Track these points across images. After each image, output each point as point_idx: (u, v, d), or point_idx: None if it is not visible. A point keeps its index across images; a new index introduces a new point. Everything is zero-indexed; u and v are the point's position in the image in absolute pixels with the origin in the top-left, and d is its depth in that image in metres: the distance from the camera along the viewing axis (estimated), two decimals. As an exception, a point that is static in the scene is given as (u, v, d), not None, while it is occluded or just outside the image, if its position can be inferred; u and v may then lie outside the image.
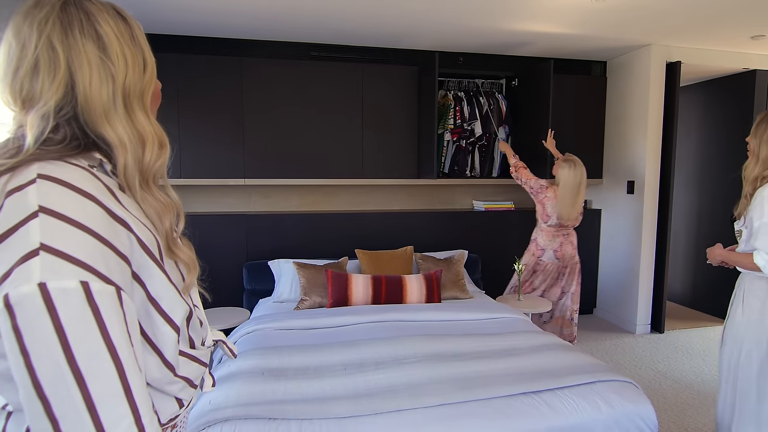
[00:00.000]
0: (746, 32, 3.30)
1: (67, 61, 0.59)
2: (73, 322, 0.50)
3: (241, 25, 3.22)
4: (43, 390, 0.49)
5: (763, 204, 1.67)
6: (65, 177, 0.55)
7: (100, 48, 0.61)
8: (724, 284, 4.21)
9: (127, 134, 0.63)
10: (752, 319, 1.71)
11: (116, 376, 0.52)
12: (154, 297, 0.63)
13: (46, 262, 0.50)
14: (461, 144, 3.82)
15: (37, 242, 0.50)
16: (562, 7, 2.84)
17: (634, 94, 3.84)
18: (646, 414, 1.75)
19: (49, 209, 0.52)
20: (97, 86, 0.60)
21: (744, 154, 4.10)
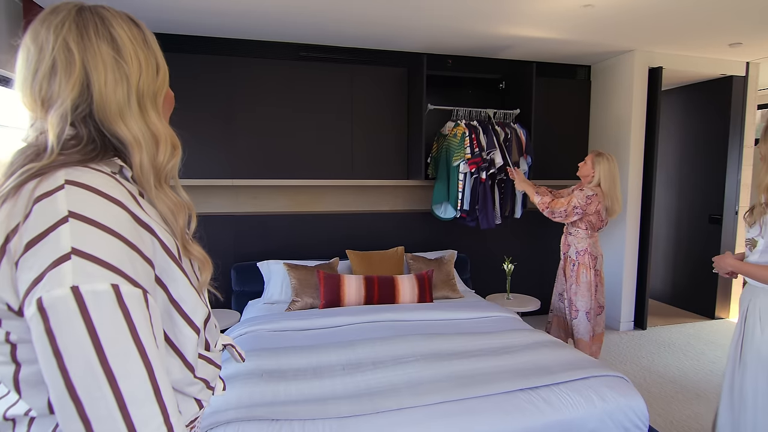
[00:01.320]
0: (724, 40, 3.42)
1: (82, 61, 0.61)
2: (105, 323, 0.51)
3: (229, 25, 3.20)
4: (76, 391, 0.50)
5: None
6: (92, 183, 0.57)
7: (115, 49, 0.63)
8: (701, 282, 4.36)
9: (141, 132, 0.65)
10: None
11: (146, 377, 0.53)
12: (176, 300, 0.64)
13: (78, 266, 0.51)
14: (481, 176, 3.35)
15: (69, 246, 0.51)
16: (551, 13, 2.91)
17: (618, 98, 3.95)
18: (638, 407, 1.80)
19: (78, 214, 0.53)
20: (112, 85, 0.62)
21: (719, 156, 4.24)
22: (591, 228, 2.87)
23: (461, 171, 3.34)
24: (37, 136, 0.62)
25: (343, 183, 3.66)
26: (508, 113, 3.68)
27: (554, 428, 1.68)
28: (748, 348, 1.67)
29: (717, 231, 4.23)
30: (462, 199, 3.35)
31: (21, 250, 0.52)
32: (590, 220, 2.85)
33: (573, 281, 2.92)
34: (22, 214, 0.53)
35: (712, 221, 4.27)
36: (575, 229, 2.90)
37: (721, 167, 4.17)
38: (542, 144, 3.98)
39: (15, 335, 0.55)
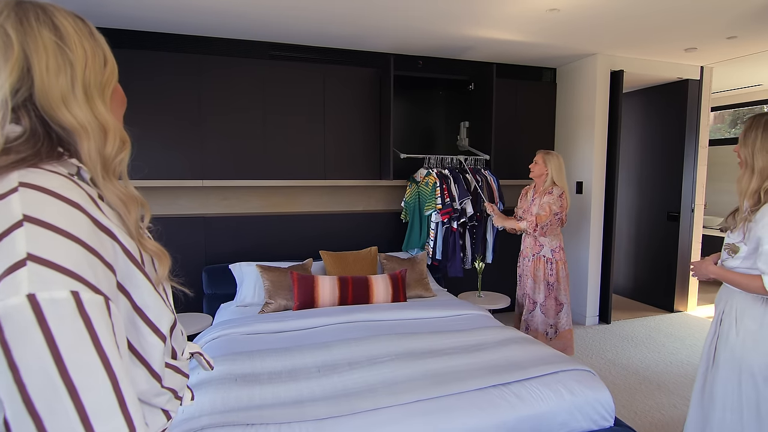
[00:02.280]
0: (680, 45, 3.59)
1: (21, 45, 0.57)
2: (65, 333, 0.48)
3: (198, 22, 3.13)
4: (35, 406, 0.47)
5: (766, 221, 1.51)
6: (48, 185, 0.54)
7: (58, 36, 0.60)
8: (661, 277, 4.56)
9: (87, 120, 0.61)
10: (747, 342, 1.60)
11: (110, 388, 0.51)
12: (140, 306, 0.62)
13: (34, 273, 0.48)
14: (452, 226, 3.44)
15: (24, 252, 0.48)
16: (518, 16, 2.98)
17: (582, 100, 4.08)
18: (605, 399, 1.88)
19: (34, 218, 0.50)
20: (54, 71, 0.59)
21: (677, 156, 4.43)
22: (562, 224, 3.03)
23: (433, 220, 3.44)
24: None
25: (316, 183, 3.64)
26: (479, 159, 3.74)
27: (526, 422, 1.73)
28: (722, 349, 1.69)
29: (675, 228, 4.43)
30: (434, 247, 3.47)
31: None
32: (561, 217, 2.99)
33: (554, 279, 3.04)
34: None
35: (671, 218, 4.47)
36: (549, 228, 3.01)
37: (678, 166, 4.37)
38: (510, 144, 4.07)
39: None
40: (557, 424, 1.78)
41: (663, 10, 2.86)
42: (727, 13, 2.91)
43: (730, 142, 5.75)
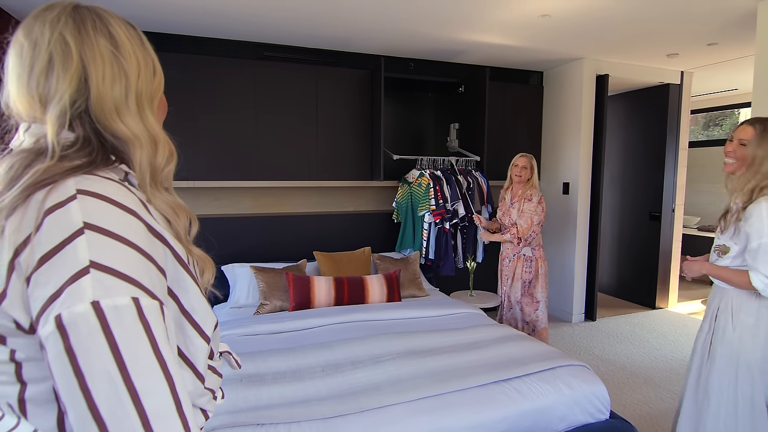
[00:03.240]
0: (663, 51, 3.71)
1: (80, 54, 0.58)
2: (128, 339, 0.49)
3: (189, 22, 3.11)
4: (99, 411, 0.48)
5: (762, 220, 1.57)
6: (105, 191, 0.54)
7: (113, 45, 0.61)
8: (643, 275, 4.69)
9: (139, 131, 0.62)
10: (744, 338, 1.66)
11: (168, 392, 0.51)
12: (188, 310, 0.63)
13: (98, 280, 0.49)
14: (444, 226, 3.53)
15: (87, 260, 0.49)
16: (511, 21, 3.04)
17: (568, 103, 4.18)
18: (601, 393, 1.94)
19: (94, 225, 0.51)
20: (110, 80, 0.60)
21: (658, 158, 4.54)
22: (539, 226, 3.07)
23: (426, 221, 3.52)
24: (35, 141, 0.58)
25: (308, 184, 3.65)
26: (470, 160, 3.81)
27: (527, 417, 1.78)
28: (718, 344, 1.74)
29: (656, 227, 4.57)
30: (427, 247, 3.53)
31: (34, 264, 0.49)
32: (541, 221, 3.07)
33: (531, 276, 3.09)
34: (33, 227, 0.50)
35: (652, 218, 4.61)
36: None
37: (660, 168, 4.51)
38: (498, 146, 4.14)
39: (22, 353, 0.52)
40: (556, 417, 1.84)
41: (648, 18, 2.96)
42: (709, 22, 3.03)
43: (705, 144, 5.96)
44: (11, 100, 0.60)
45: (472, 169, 3.81)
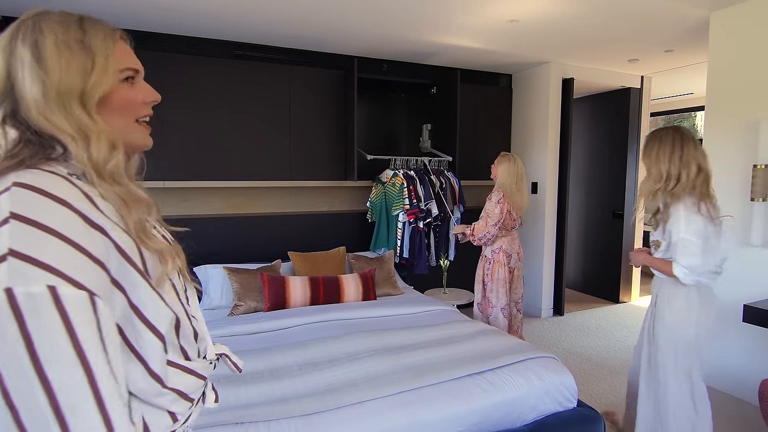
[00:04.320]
0: (624, 56, 3.88)
1: (7, 63, 0.64)
2: (40, 327, 0.49)
3: (161, 19, 3.07)
4: (11, 398, 0.48)
5: (680, 220, 1.82)
6: (39, 184, 0.56)
7: (35, 52, 0.65)
8: (607, 271, 4.89)
9: (65, 127, 0.64)
10: (679, 320, 1.89)
11: (86, 385, 0.51)
12: (136, 304, 0.62)
13: (14, 267, 0.49)
14: (418, 226, 3.59)
15: (6, 248, 0.50)
16: (480, 25, 3.13)
17: (536, 105, 4.31)
18: (569, 383, 2.03)
19: (20, 215, 0.52)
20: (29, 83, 0.63)
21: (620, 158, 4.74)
22: (504, 228, 3.02)
23: (400, 220, 3.58)
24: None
25: (281, 184, 3.64)
26: (442, 160, 3.88)
27: (500, 407, 1.84)
28: (659, 328, 1.97)
29: (619, 225, 4.77)
30: (401, 246, 3.59)
31: None
32: (505, 223, 3.02)
33: (489, 278, 3.06)
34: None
35: (615, 216, 4.81)
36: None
37: (622, 168, 4.71)
38: (469, 146, 4.23)
39: None
40: (527, 407, 1.91)
41: (609, 25, 3.10)
42: (665, 30, 3.19)
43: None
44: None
45: (444, 169, 3.88)
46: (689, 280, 1.82)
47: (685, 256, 1.81)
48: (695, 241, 1.79)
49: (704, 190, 1.85)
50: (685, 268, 1.81)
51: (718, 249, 1.84)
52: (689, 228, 1.80)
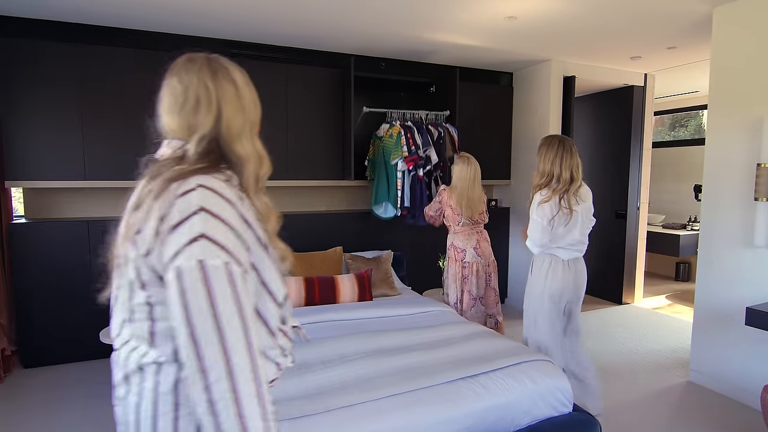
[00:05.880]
0: (626, 54, 3.82)
1: (218, 98, 0.84)
2: (218, 288, 0.70)
3: (156, 18, 3.05)
4: (196, 336, 0.68)
5: (533, 205, 2.46)
6: (216, 187, 0.75)
7: (235, 88, 0.86)
8: (610, 272, 4.82)
9: (251, 151, 0.86)
10: (540, 278, 2.53)
11: (242, 333, 0.71)
12: (265, 281, 0.82)
13: (204, 246, 0.70)
14: (418, 174, 3.56)
15: (199, 231, 0.70)
16: (477, 23, 3.09)
17: (537, 103, 4.26)
18: (564, 386, 1.99)
19: (206, 209, 0.72)
20: (233, 114, 0.84)
21: (623, 157, 4.68)
22: (450, 222, 3.17)
23: (399, 169, 3.51)
24: (173, 151, 0.83)
25: (278, 184, 3.62)
26: (439, 114, 3.86)
27: (493, 411, 1.80)
28: (528, 285, 2.62)
29: (622, 225, 4.70)
30: (402, 196, 3.53)
31: (166, 231, 0.71)
32: (447, 214, 3.18)
33: (446, 273, 3.24)
34: (169, 206, 0.72)
35: (618, 216, 4.75)
36: (447, 226, 3.24)
37: (625, 168, 4.65)
38: (469, 145, 4.18)
39: (154, 298, 0.75)
40: (521, 411, 1.87)
41: (609, 21, 3.04)
42: (667, 26, 3.14)
43: (670, 145, 6.16)
44: (168, 125, 0.86)
45: (442, 121, 3.85)
46: (534, 249, 2.51)
47: (531, 231, 2.47)
48: (538, 221, 2.40)
49: (570, 188, 2.42)
50: (530, 240, 2.49)
51: (569, 233, 2.47)
52: (538, 212, 2.40)
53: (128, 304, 0.77)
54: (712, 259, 2.91)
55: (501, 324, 3.26)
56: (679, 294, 5.19)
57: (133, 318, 0.77)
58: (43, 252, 3.07)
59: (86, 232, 3.16)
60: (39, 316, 3.08)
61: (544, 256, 2.53)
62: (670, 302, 4.88)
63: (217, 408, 0.68)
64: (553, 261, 2.51)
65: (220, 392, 0.68)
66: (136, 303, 0.76)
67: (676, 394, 2.84)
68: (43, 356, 3.14)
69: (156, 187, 0.75)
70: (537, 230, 2.42)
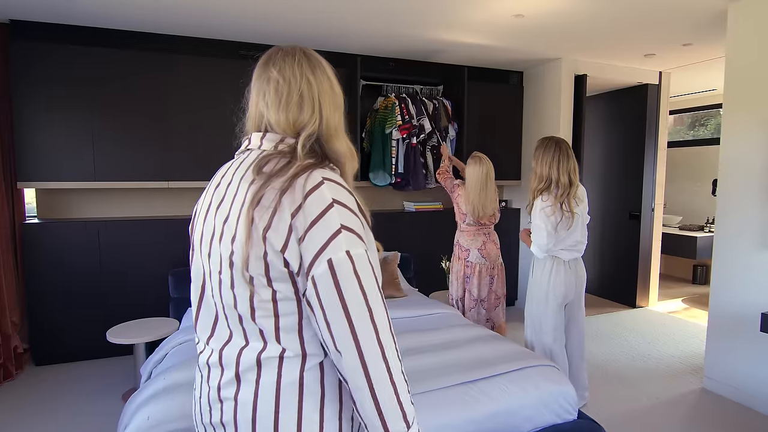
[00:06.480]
0: (640, 51, 3.73)
1: (318, 93, 0.83)
2: (365, 275, 0.73)
3: (166, 20, 3.08)
4: (352, 321, 0.71)
5: (535, 210, 2.47)
6: (337, 180, 0.77)
7: (330, 84, 0.86)
8: (624, 274, 4.72)
9: (347, 146, 0.86)
10: (543, 280, 2.56)
11: (384, 313, 0.74)
12: (371, 260, 0.80)
13: (347, 237, 0.72)
14: (412, 142, 3.71)
15: (339, 224, 0.72)
16: (484, 21, 3.04)
17: (548, 102, 4.19)
18: (568, 393, 1.94)
19: (338, 201, 0.74)
20: (331, 112, 0.85)
21: (637, 158, 4.59)
22: (457, 218, 3.20)
23: (394, 137, 3.69)
24: (274, 146, 0.82)
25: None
26: (434, 88, 3.97)
27: (493, 418, 1.76)
28: (529, 287, 2.65)
29: (636, 226, 4.60)
30: (396, 164, 3.70)
31: (306, 226, 0.71)
32: (455, 209, 3.19)
33: (451, 271, 3.24)
34: (301, 199, 0.72)
35: (632, 217, 4.64)
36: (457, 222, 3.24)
37: (639, 168, 4.54)
38: (478, 146, 4.14)
39: (280, 294, 0.75)
40: (523, 418, 1.83)
41: (620, 18, 2.97)
42: (681, 22, 3.05)
43: (690, 144, 6.01)
44: (272, 120, 0.83)
45: (436, 94, 3.98)
46: (539, 254, 2.52)
47: (536, 237, 2.48)
48: (543, 227, 2.42)
49: (569, 191, 2.43)
50: (535, 245, 2.51)
51: (571, 234, 2.49)
52: (542, 218, 2.42)
53: (246, 303, 0.76)
54: (726, 262, 2.81)
55: (502, 325, 3.19)
56: (695, 298, 5.05)
57: (254, 316, 0.76)
58: (54, 251, 3.12)
59: (96, 231, 3.20)
60: (50, 315, 3.14)
61: (546, 257, 2.55)
62: (687, 306, 4.75)
63: (376, 387, 0.72)
64: (555, 262, 2.54)
65: (377, 373, 0.71)
66: (259, 300, 0.75)
67: (688, 402, 2.76)
68: (54, 354, 3.20)
69: (281, 183, 0.74)
70: (543, 236, 2.44)
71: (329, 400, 0.78)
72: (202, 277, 0.85)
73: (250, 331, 0.78)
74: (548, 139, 2.53)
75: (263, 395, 0.76)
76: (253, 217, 0.73)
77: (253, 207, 0.73)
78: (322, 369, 0.78)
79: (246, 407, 0.77)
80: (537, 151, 2.53)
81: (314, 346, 0.78)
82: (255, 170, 0.78)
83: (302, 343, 0.77)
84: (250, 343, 0.78)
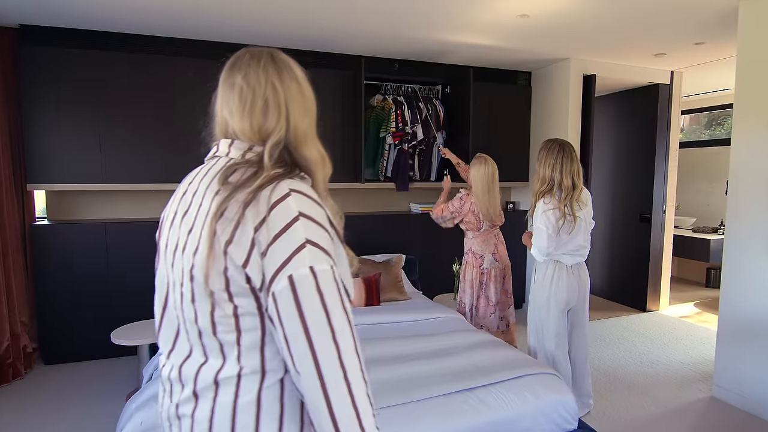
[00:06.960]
0: (650, 50, 3.65)
1: (285, 100, 0.80)
2: (329, 293, 0.68)
3: (163, 23, 3.10)
4: (312, 341, 0.67)
5: (537, 213, 2.45)
6: (305, 190, 0.73)
7: (299, 88, 0.83)
8: (634, 277, 4.64)
9: (318, 151, 0.83)
10: (545, 285, 2.52)
11: (350, 333, 0.70)
12: (337, 280, 0.77)
13: (311, 252, 0.68)
14: (403, 147, 3.85)
15: (304, 238, 0.68)
16: (489, 22, 3.00)
17: (556, 103, 4.13)
18: (568, 403, 1.90)
19: (305, 214, 0.70)
20: (300, 118, 0.81)
21: (648, 159, 4.50)
22: (471, 228, 3.05)
23: (387, 142, 3.87)
24: (241, 154, 0.79)
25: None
26: (432, 88, 4.07)
27: (490, 427, 1.74)
28: (531, 292, 2.63)
29: (647, 229, 4.51)
30: (386, 166, 3.93)
31: (269, 240, 0.68)
32: (468, 220, 3.03)
33: (462, 278, 3.14)
34: (266, 212, 0.69)
35: (643, 220, 4.55)
36: (465, 230, 3.11)
37: (650, 169, 4.45)
38: (485, 146, 4.09)
39: (242, 309, 0.71)
40: (521, 428, 1.80)
41: (625, 18, 2.91)
42: (693, 20, 2.97)
43: (704, 144, 5.88)
44: (236, 128, 0.80)
45: (433, 96, 4.07)
46: (539, 257, 2.50)
47: (536, 240, 2.45)
48: (543, 229, 2.39)
49: (572, 194, 2.41)
50: (536, 248, 2.48)
51: (573, 239, 2.46)
52: (542, 221, 2.39)
53: (206, 318, 0.73)
54: (736, 266, 2.74)
55: (513, 325, 3.17)
56: (708, 301, 4.94)
57: (215, 331, 0.73)
58: (63, 252, 3.16)
59: (104, 233, 3.24)
60: (59, 315, 3.19)
61: (548, 262, 2.52)
62: (699, 310, 4.65)
63: (335, 410, 0.68)
64: (558, 267, 2.51)
65: (338, 395, 0.68)
66: (220, 315, 0.72)
67: (696, 411, 2.69)
68: (62, 354, 3.25)
69: (245, 195, 0.71)
70: (543, 239, 2.41)
71: (289, 421, 0.75)
72: (166, 287, 0.82)
73: (209, 347, 0.75)
74: (552, 141, 2.50)
75: (219, 414, 0.74)
76: (216, 229, 0.71)
77: (216, 219, 0.71)
78: (283, 386, 0.75)
79: (202, 425, 0.75)
80: (541, 153, 2.50)
81: (276, 362, 0.74)
82: (220, 180, 0.75)
83: (263, 360, 0.74)
84: (209, 360, 0.76)
